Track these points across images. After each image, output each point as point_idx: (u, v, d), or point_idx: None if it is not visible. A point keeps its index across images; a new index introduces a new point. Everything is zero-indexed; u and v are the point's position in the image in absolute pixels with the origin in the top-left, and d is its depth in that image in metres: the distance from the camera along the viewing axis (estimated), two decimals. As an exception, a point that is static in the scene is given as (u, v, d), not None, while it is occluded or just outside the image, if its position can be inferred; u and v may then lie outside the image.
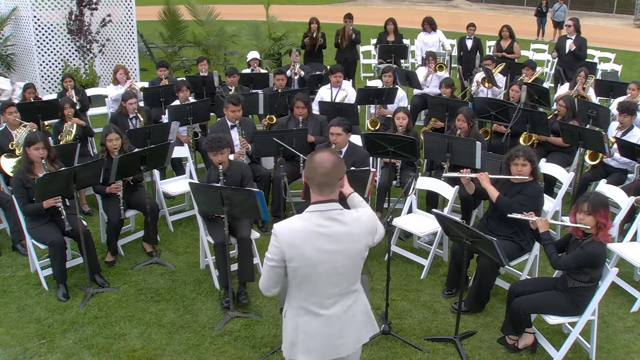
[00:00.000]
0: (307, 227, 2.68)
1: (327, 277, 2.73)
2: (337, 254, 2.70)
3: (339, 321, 2.82)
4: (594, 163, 6.28)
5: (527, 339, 4.30)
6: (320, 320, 2.79)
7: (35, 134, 5.17)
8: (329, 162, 2.68)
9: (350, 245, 2.73)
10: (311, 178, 2.70)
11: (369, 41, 12.57)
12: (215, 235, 4.82)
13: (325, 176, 2.67)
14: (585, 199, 3.92)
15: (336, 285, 2.77)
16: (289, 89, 7.94)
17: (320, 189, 2.70)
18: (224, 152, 4.92)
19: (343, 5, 28.91)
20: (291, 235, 2.67)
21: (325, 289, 2.76)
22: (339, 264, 2.72)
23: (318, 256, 2.68)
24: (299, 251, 2.67)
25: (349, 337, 2.86)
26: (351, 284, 2.83)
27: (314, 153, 2.75)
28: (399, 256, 5.56)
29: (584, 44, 9.52)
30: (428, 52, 9.31)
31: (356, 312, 2.89)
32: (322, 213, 2.69)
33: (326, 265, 2.70)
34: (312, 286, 2.75)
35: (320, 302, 2.78)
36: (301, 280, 2.74)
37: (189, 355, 4.25)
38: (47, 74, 10.39)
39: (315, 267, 2.69)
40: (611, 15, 28.82)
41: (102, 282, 5.11)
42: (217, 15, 13.50)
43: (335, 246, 2.69)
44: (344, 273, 2.76)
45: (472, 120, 6.04)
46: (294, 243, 2.67)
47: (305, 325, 2.81)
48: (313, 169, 2.68)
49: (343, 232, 2.71)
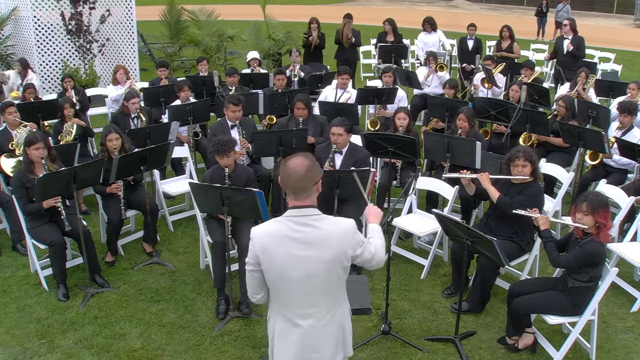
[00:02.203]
0: (280, 231, 2.65)
1: (300, 284, 2.67)
2: (310, 260, 2.64)
3: (315, 334, 2.74)
4: (594, 163, 6.28)
5: (527, 339, 4.30)
6: (296, 330, 2.73)
7: (35, 134, 5.17)
8: (303, 167, 2.64)
9: (325, 251, 2.65)
10: (285, 184, 2.67)
11: (369, 41, 12.57)
12: (214, 234, 4.82)
13: (299, 181, 2.63)
14: (584, 199, 3.92)
15: (310, 294, 2.70)
16: (289, 89, 7.94)
17: (295, 194, 2.66)
18: (230, 155, 4.92)
19: (343, 5, 28.90)
20: (265, 239, 2.66)
21: (299, 298, 2.70)
22: (312, 272, 2.65)
23: (289, 262, 2.63)
24: (269, 255, 2.64)
25: (325, 351, 2.77)
26: (328, 296, 2.75)
27: (288, 159, 2.71)
28: (399, 256, 5.56)
29: (582, 42, 9.54)
30: (428, 52, 9.29)
31: (335, 327, 2.80)
32: (297, 218, 2.65)
33: (298, 272, 2.65)
34: (285, 293, 2.71)
35: (295, 311, 2.72)
36: (272, 285, 2.72)
37: (189, 355, 4.25)
38: (47, 74, 10.40)
39: (285, 273, 2.65)
40: (611, 15, 28.81)
41: (102, 282, 5.11)
42: (217, 16, 13.51)
43: (309, 252, 2.63)
44: (318, 283, 2.68)
45: (472, 120, 6.04)
46: (266, 246, 2.65)
47: (281, 332, 2.78)
48: (287, 175, 2.65)
49: (318, 238, 2.65)
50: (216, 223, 4.90)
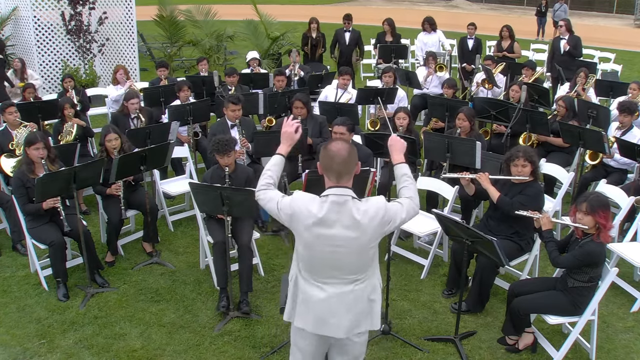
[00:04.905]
0: (317, 208, 2.77)
1: (326, 257, 2.80)
2: (339, 239, 2.77)
3: (336, 301, 2.87)
4: (594, 163, 6.28)
5: (527, 339, 4.30)
6: (318, 293, 2.87)
7: (35, 134, 5.17)
8: (345, 151, 2.78)
9: (356, 234, 2.78)
10: (329, 167, 2.78)
11: (369, 41, 12.57)
12: (214, 234, 4.82)
13: (343, 164, 2.76)
14: (584, 199, 3.92)
15: (335, 268, 2.84)
16: (288, 89, 7.94)
17: (338, 177, 2.78)
18: (231, 155, 4.92)
19: (343, 5, 28.90)
20: (300, 210, 2.78)
21: (326, 270, 2.84)
22: (339, 250, 2.78)
23: (317, 239, 2.77)
24: (300, 228, 2.79)
25: (343, 320, 2.89)
26: (353, 272, 2.87)
27: (328, 143, 2.84)
28: (399, 256, 5.56)
29: (579, 42, 9.55)
30: (428, 52, 9.29)
31: (358, 300, 2.91)
32: (335, 197, 2.76)
33: (324, 247, 2.78)
34: (312, 261, 2.84)
35: (321, 278, 2.86)
36: (301, 251, 2.86)
37: (189, 355, 4.25)
38: (47, 74, 10.39)
39: (313, 248, 2.79)
40: (611, 15, 28.81)
41: (102, 282, 5.11)
42: (214, 15, 13.51)
43: (340, 232, 2.76)
44: (344, 260, 2.82)
45: (472, 120, 6.04)
46: (299, 218, 2.78)
47: (304, 293, 2.91)
48: (330, 158, 2.77)
49: (350, 220, 2.76)
50: (216, 223, 4.90)
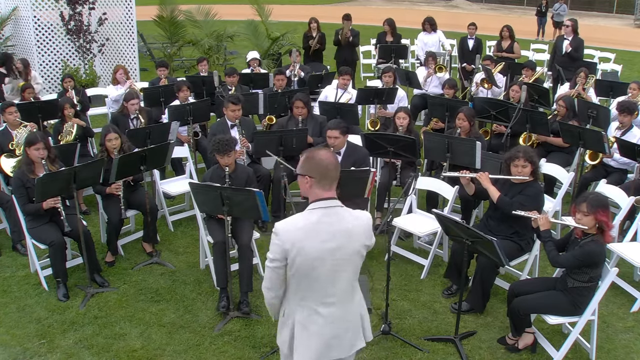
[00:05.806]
0: (310, 224, 2.69)
1: (327, 274, 2.74)
2: (338, 251, 2.72)
3: (336, 322, 2.82)
4: (594, 163, 6.28)
5: (527, 339, 4.30)
6: (318, 319, 2.79)
7: (35, 134, 5.17)
8: (334, 157, 2.76)
9: (350, 242, 2.75)
10: (325, 175, 2.70)
11: (369, 41, 12.57)
12: (214, 234, 4.82)
13: (336, 170, 2.73)
14: (584, 199, 3.92)
15: (336, 282, 2.78)
16: (288, 89, 7.94)
17: (330, 185, 2.73)
18: (231, 155, 4.92)
19: (343, 5, 28.90)
20: (293, 233, 2.68)
21: (326, 287, 2.77)
22: (339, 261, 2.74)
23: (320, 253, 2.69)
24: (301, 249, 2.67)
25: (345, 338, 2.85)
26: (348, 285, 2.83)
27: (313, 152, 2.75)
28: (399, 256, 5.56)
29: (581, 45, 9.52)
30: (428, 52, 9.29)
31: (354, 315, 2.89)
32: (325, 210, 2.71)
33: (327, 262, 2.71)
34: (313, 283, 2.75)
35: (320, 299, 2.78)
36: (301, 277, 2.74)
37: (189, 355, 4.25)
38: (47, 74, 10.39)
39: (316, 264, 2.70)
40: (611, 15, 28.83)
41: (102, 282, 5.11)
42: (214, 15, 13.51)
43: (336, 243, 2.71)
44: (343, 271, 2.78)
45: (472, 120, 6.04)
46: (296, 240, 2.67)
47: (301, 324, 2.80)
48: (324, 167, 2.70)
49: (344, 229, 2.73)
50: (216, 223, 4.90)
